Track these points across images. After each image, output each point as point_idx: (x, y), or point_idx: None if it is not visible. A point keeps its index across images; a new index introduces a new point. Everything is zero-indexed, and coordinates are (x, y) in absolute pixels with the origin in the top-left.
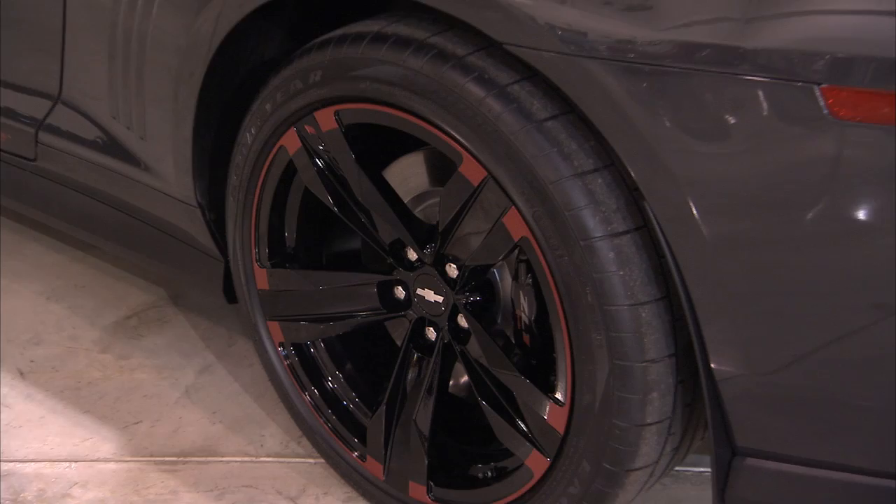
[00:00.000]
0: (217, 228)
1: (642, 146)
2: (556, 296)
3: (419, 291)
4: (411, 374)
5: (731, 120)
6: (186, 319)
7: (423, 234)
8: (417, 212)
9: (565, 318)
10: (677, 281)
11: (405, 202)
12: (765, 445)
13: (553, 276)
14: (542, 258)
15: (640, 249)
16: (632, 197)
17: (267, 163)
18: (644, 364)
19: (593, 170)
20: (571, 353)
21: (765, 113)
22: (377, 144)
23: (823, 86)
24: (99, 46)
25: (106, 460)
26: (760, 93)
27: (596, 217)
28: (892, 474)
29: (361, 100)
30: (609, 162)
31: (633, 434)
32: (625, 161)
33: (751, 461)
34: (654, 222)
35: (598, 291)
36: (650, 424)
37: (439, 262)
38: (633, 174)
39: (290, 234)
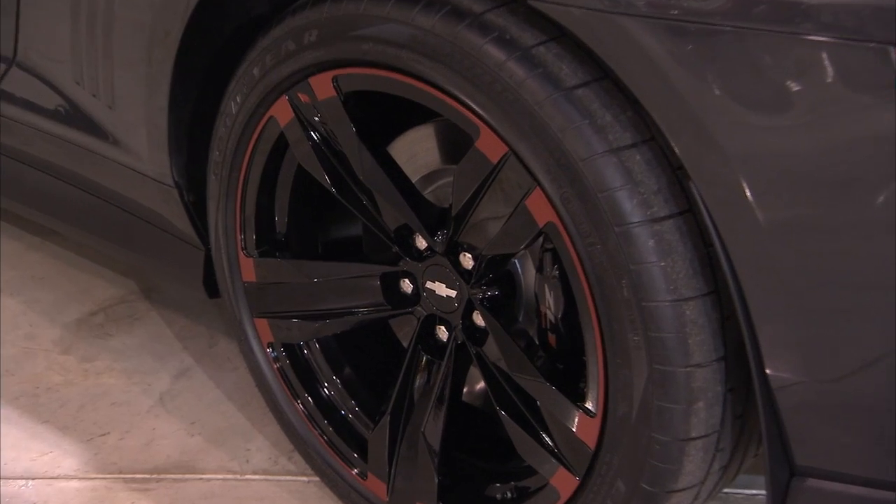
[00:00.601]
0: (196, 212)
1: (688, 117)
2: (586, 290)
3: (429, 285)
4: (419, 380)
5: (792, 87)
6: (160, 316)
7: (433, 218)
8: (427, 193)
9: (597, 315)
10: (727, 273)
11: (413, 182)
12: (828, 464)
13: (583, 268)
14: (570, 247)
15: (684, 237)
16: (675, 176)
17: (254, 136)
18: (688, 369)
19: (631, 145)
20: (604, 357)
21: (830, 79)
22: (381, 116)
23: None
24: (60, 1)
25: (68, 477)
26: (825, 55)
27: (633, 199)
28: None
29: (363, 64)
30: (649, 136)
31: (675, 450)
32: (667, 135)
33: (812, 482)
34: (701, 205)
35: (635, 285)
36: (695, 439)
37: (452, 252)
38: (676, 150)
39: (280, 219)
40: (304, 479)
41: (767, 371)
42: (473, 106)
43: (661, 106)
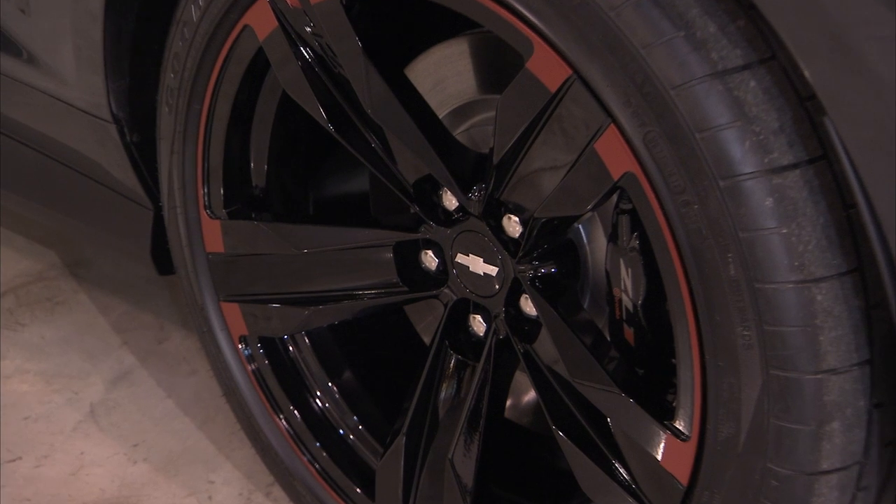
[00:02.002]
0: (142, 157)
1: (823, 29)
2: (677, 266)
3: (460, 259)
4: (446, 390)
5: None
6: (92, 300)
7: (467, 168)
8: (459, 133)
9: (693, 302)
10: (876, 244)
11: (440, 118)
12: None
13: (674, 236)
14: (656, 207)
15: (815, 194)
16: (804, 110)
17: (223, 53)
18: (819, 376)
19: (742, 66)
20: (702, 359)
21: None
22: (397, 27)
23: None
24: None
25: None
26: None
27: (746, 141)
28: None
29: None
30: (768, 54)
31: (800, 487)
32: (794, 52)
33: None
34: (840, 151)
35: (746, 260)
36: (828, 472)
37: (493, 214)
38: (807, 74)
39: (258, 168)
40: None
41: None
42: (524, 12)
43: (786, 11)
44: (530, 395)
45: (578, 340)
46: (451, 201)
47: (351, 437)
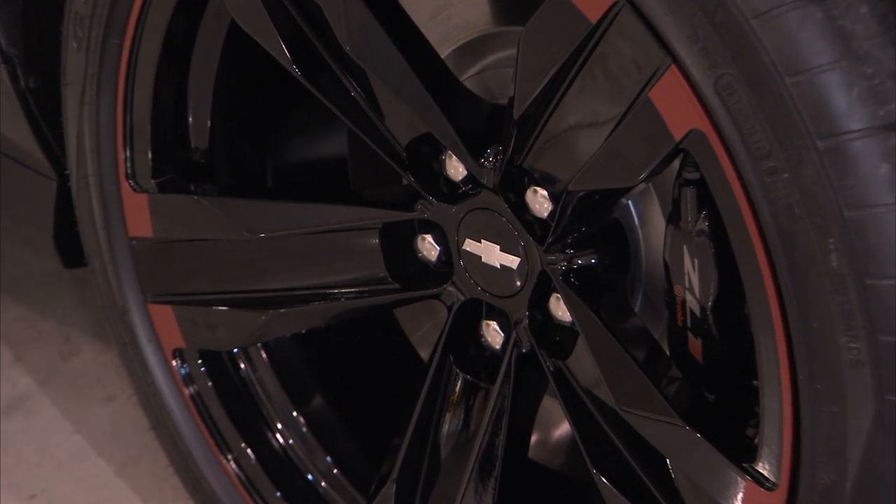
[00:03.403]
0: (41, 109)
1: None
2: (761, 256)
3: (470, 246)
4: (450, 421)
5: None
6: None
7: (478, 124)
8: (467, 79)
9: (781, 304)
10: None
11: (441, 57)
12: None
13: (756, 216)
14: (732, 176)
15: None
16: None
17: None
18: None
19: None
20: (794, 380)
21: None
22: None
23: None
24: None
25: None
26: None
27: (853, 88)
28: None
29: None
30: None
31: None
32: None
33: None
34: None
35: (853, 247)
36: None
37: (513, 186)
38: None
39: (198, 124)
40: None
41: None
42: None
43: None
44: (563, 429)
45: (627, 355)
46: (456, 169)
47: (323, 484)
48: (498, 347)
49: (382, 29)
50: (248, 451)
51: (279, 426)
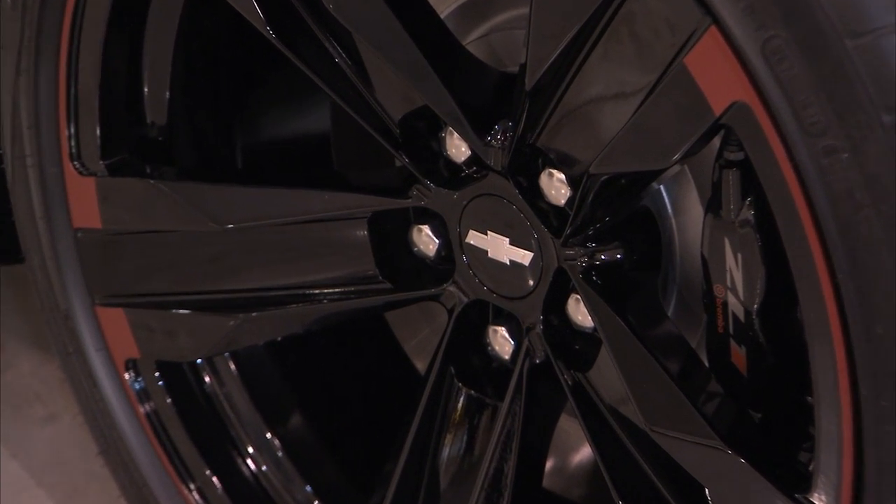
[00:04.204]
0: None
1: None
2: (816, 251)
3: (474, 239)
4: (452, 444)
5: None
6: None
7: (484, 96)
8: (471, 42)
9: (839, 307)
10: None
11: (440, 16)
12: None
13: (811, 203)
14: (782, 157)
15: None
16: None
17: None
18: None
19: None
20: (855, 396)
21: None
22: None
23: None
24: None
25: None
26: None
27: None
28: None
29: None
30: None
31: None
32: None
33: None
34: None
35: None
36: None
37: (525, 168)
38: None
39: (154, 96)
40: None
41: None
42: None
43: None
44: (583, 453)
45: (659, 367)
46: (458, 149)
47: None
48: (507, 358)
49: None
50: (214, 479)
51: (250, 450)
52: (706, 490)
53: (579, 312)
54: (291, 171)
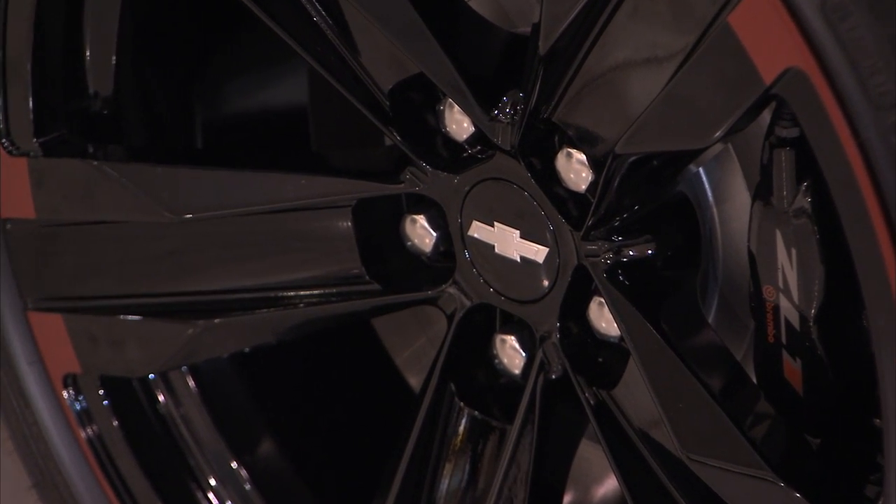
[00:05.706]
0: None
1: None
2: (885, 242)
3: (478, 232)
4: (451, 474)
5: None
6: None
7: (489, 62)
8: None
9: None
10: None
11: None
12: None
13: (878, 186)
14: (844, 134)
15: None
16: None
17: None
18: None
19: None
20: None
21: None
22: None
23: None
24: None
25: None
26: None
27: None
28: None
29: None
30: None
31: None
32: None
33: None
34: None
35: None
36: None
37: (538, 148)
38: None
39: (99, 62)
40: None
41: None
42: None
43: None
44: (607, 485)
45: (697, 383)
46: (460, 124)
47: None
48: (517, 372)
49: None
50: None
51: (212, 482)
52: None
53: (603, 318)
54: (261, 151)
